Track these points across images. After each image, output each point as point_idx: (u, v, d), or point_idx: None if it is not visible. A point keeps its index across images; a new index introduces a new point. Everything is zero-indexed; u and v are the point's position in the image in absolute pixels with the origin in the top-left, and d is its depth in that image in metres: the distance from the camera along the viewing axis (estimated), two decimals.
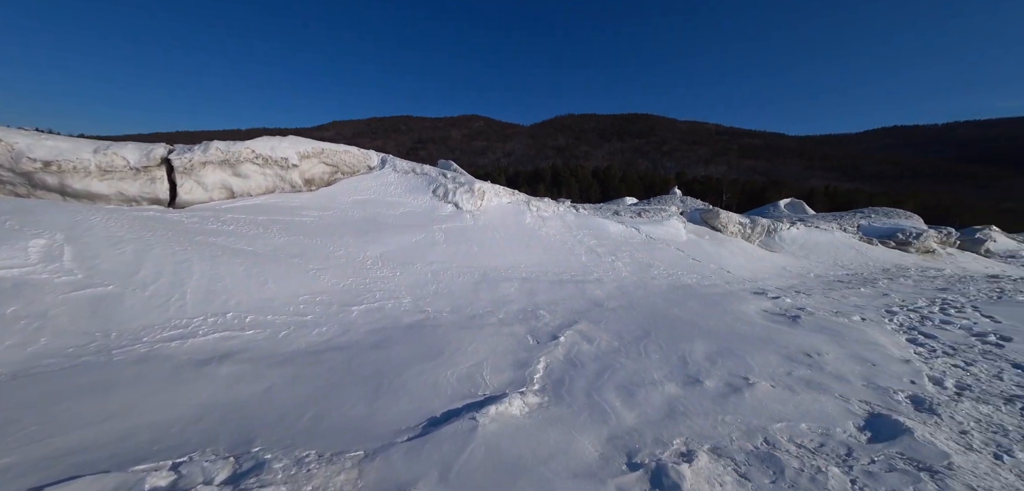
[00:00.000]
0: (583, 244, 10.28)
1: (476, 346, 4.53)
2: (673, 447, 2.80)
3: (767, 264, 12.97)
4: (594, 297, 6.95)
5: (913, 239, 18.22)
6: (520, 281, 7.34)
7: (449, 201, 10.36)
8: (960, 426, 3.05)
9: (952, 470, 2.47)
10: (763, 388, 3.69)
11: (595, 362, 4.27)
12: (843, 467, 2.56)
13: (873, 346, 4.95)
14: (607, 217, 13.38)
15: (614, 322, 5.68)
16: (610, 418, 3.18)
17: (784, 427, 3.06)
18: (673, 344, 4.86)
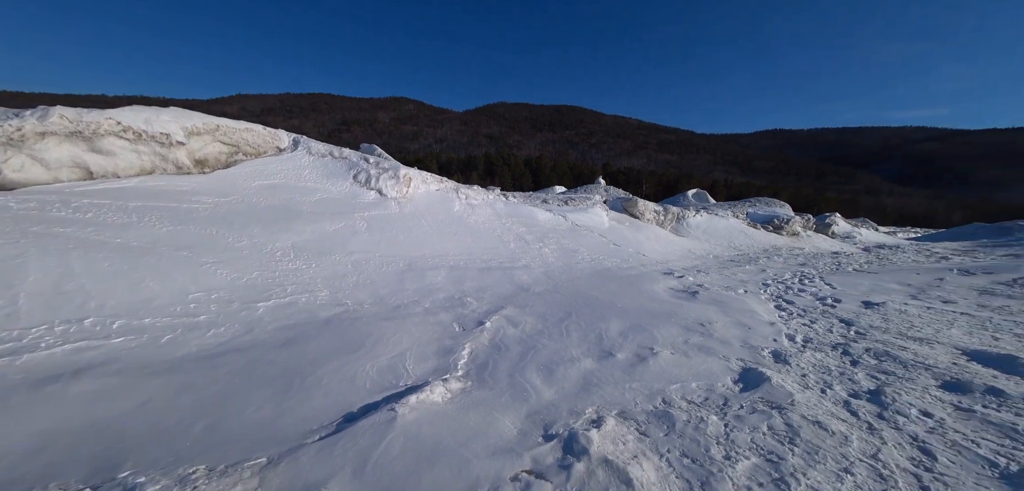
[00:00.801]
0: (512, 231, 10.49)
1: (400, 336, 4.41)
2: (585, 416, 3.02)
3: (676, 247, 14.51)
4: (521, 283, 7.16)
5: (784, 224, 21.76)
6: (448, 269, 7.26)
7: (372, 187, 9.81)
8: (802, 371, 3.76)
9: (793, 405, 3.04)
10: (665, 356, 4.15)
11: (519, 345, 4.42)
12: (719, 414, 3.00)
13: (750, 313, 5.83)
14: (536, 205, 13.80)
15: (539, 306, 5.92)
16: (530, 396, 3.32)
17: (678, 387, 3.48)
18: (592, 323, 5.22)
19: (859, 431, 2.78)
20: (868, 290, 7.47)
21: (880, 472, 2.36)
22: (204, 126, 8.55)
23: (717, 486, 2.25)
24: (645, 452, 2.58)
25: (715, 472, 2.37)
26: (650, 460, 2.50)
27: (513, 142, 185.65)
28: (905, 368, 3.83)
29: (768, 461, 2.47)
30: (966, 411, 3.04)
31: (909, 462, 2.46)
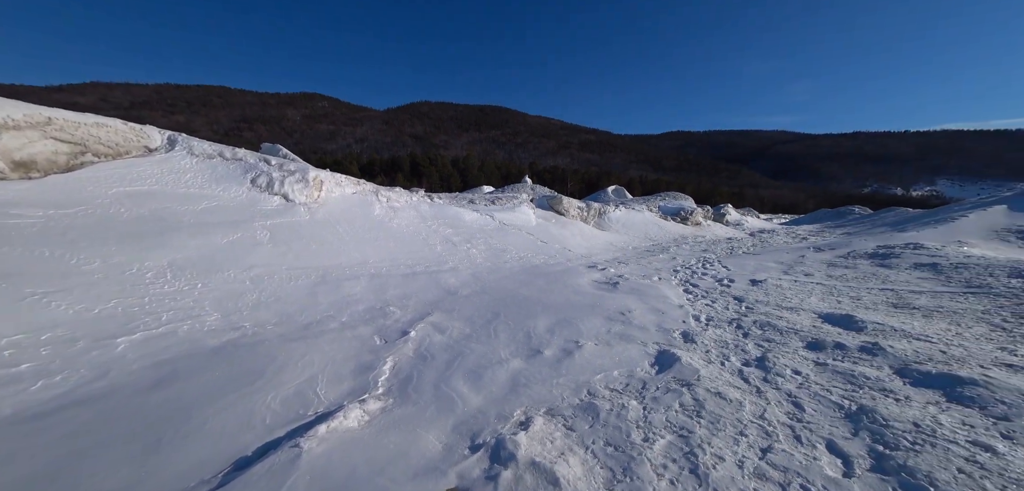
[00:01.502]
0: (438, 234, 10.18)
1: (311, 357, 3.93)
2: (513, 419, 2.97)
3: (599, 241, 15.41)
4: (448, 286, 6.94)
5: (689, 215, 24.50)
6: (368, 278, 6.75)
7: (276, 192, 8.73)
8: (706, 347, 4.18)
9: (699, 380, 3.34)
10: (589, 348, 4.30)
11: (446, 352, 4.23)
12: (639, 398, 3.17)
13: (663, 299, 6.36)
14: (463, 206, 13.60)
15: (467, 309, 5.77)
16: (457, 406, 3.17)
17: (602, 377, 3.61)
18: (520, 322, 5.22)
19: (750, 396, 3.14)
20: (754, 269, 8.65)
21: (766, 430, 2.67)
22: (26, 119, 6.70)
23: (637, 469, 2.34)
24: (572, 447, 2.60)
25: (635, 456, 2.46)
26: (576, 454, 2.52)
27: (439, 142, 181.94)
28: (781, 334, 4.46)
29: (680, 437, 2.64)
30: (822, 365, 3.61)
31: (786, 416, 2.83)
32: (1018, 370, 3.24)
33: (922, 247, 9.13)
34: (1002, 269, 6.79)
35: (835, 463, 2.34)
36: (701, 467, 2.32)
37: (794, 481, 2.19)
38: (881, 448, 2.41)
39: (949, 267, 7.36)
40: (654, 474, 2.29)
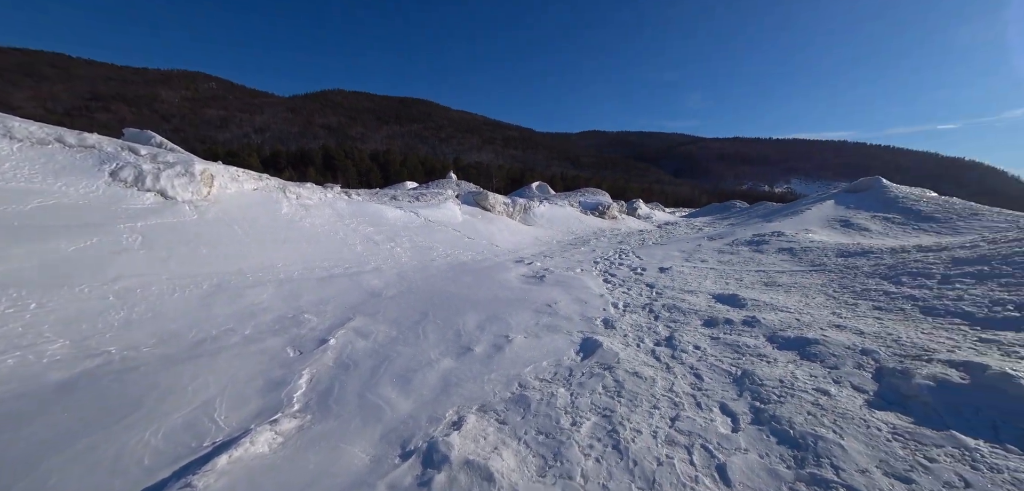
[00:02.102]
0: (359, 233, 9.52)
1: (205, 380, 3.38)
2: (446, 419, 2.91)
3: (525, 236, 15.85)
4: (372, 288, 6.54)
5: (606, 210, 26.49)
6: (277, 284, 6.03)
7: (149, 188, 7.28)
8: (624, 332, 4.58)
9: (619, 363, 3.64)
10: (519, 341, 4.40)
11: (371, 358, 3.99)
12: (566, 385, 3.35)
13: (586, 289, 6.79)
14: (385, 203, 12.91)
15: (393, 310, 5.50)
16: (385, 413, 3.01)
17: (532, 369, 3.73)
18: (450, 320, 5.14)
19: (661, 372, 3.52)
20: (661, 258, 9.69)
21: (675, 401, 3.02)
22: None
23: (566, 453, 2.47)
24: (505, 440, 2.65)
25: (564, 440, 2.60)
26: (509, 447, 2.57)
27: (356, 135, 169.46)
28: (684, 315, 5.07)
29: (604, 416, 2.85)
30: (716, 339, 4.20)
31: (689, 387, 3.23)
32: (843, 329, 4.13)
33: (783, 235, 11.10)
34: (832, 250, 8.57)
35: (726, 421, 2.74)
36: (622, 442, 2.53)
37: (696, 442, 2.51)
38: (758, 404, 2.88)
39: (800, 250, 9.07)
40: (581, 455, 2.44)
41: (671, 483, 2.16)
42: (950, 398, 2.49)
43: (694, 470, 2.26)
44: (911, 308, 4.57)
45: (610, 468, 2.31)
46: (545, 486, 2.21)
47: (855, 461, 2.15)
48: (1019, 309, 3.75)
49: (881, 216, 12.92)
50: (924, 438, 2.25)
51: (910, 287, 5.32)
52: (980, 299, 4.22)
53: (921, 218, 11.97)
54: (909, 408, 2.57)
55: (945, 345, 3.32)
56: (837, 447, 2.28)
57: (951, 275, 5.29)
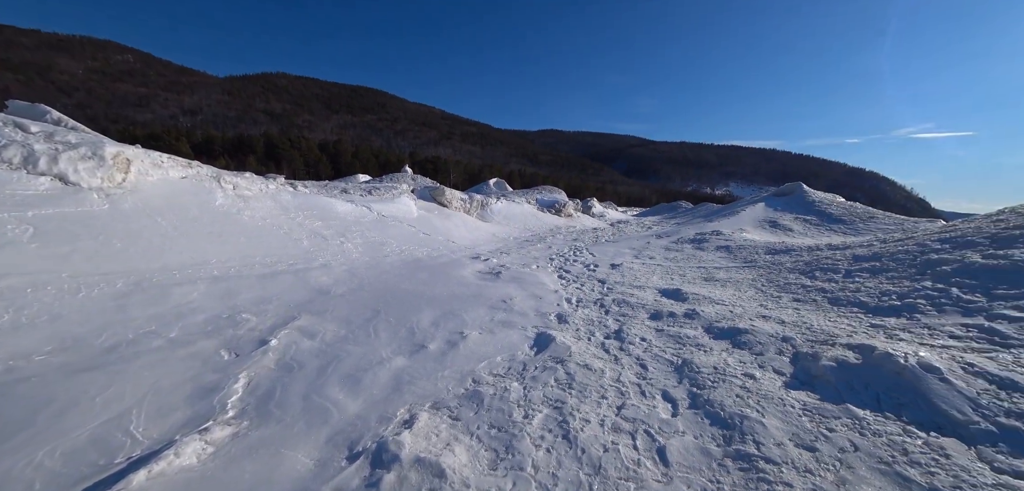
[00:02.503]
0: (306, 227, 8.97)
1: (118, 389, 3.03)
2: (397, 419, 2.85)
3: (483, 232, 15.82)
4: (320, 285, 6.20)
5: (562, 207, 27.15)
6: (209, 282, 5.52)
7: (44, 172, 6.31)
8: (576, 326, 4.74)
9: (571, 356, 3.77)
10: (474, 337, 4.40)
11: (318, 358, 3.80)
12: (520, 379, 3.41)
13: (541, 285, 6.93)
14: (335, 196, 12.28)
15: (343, 309, 5.27)
16: (332, 415, 2.89)
17: (486, 364, 3.75)
18: (403, 318, 5.02)
19: (610, 364, 3.69)
20: (613, 255, 10.12)
21: (621, 390, 3.19)
22: None
23: (518, 445, 2.52)
24: (458, 436, 2.65)
25: (516, 433, 2.65)
26: (462, 443, 2.57)
27: (303, 123, 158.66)
28: (632, 309, 5.35)
29: (555, 408, 2.95)
30: (660, 332, 4.48)
31: (635, 377, 3.43)
32: (768, 319, 4.58)
33: (721, 234, 12.05)
34: (762, 248, 9.46)
35: (667, 407, 2.94)
36: (572, 432, 2.63)
37: (640, 428, 2.67)
38: (695, 389, 3.12)
39: (735, 248, 9.90)
40: (533, 446, 2.50)
41: (615, 467, 2.28)
42: (847, 376, 2.87)
43: (637, 454, 2.41)
44: (821, 299, 5.18)
45: (559, 457, 2.39)
46: (496, 478, 2.24)
47: (773, 436, 2.41)
48: (900, 298, 4.39)
49: (802, 218, 14.44)
50: (826, 412, 2.57)
51: (822, 281, 6.01)
52: (873, 290, 4.89)
53: (832, 220, 13.54)
54: (816, 387, 2.93)
55: (845, 331, 3.81)
56: (759, 425, 2.54)
57: (852, 270, 6.06)
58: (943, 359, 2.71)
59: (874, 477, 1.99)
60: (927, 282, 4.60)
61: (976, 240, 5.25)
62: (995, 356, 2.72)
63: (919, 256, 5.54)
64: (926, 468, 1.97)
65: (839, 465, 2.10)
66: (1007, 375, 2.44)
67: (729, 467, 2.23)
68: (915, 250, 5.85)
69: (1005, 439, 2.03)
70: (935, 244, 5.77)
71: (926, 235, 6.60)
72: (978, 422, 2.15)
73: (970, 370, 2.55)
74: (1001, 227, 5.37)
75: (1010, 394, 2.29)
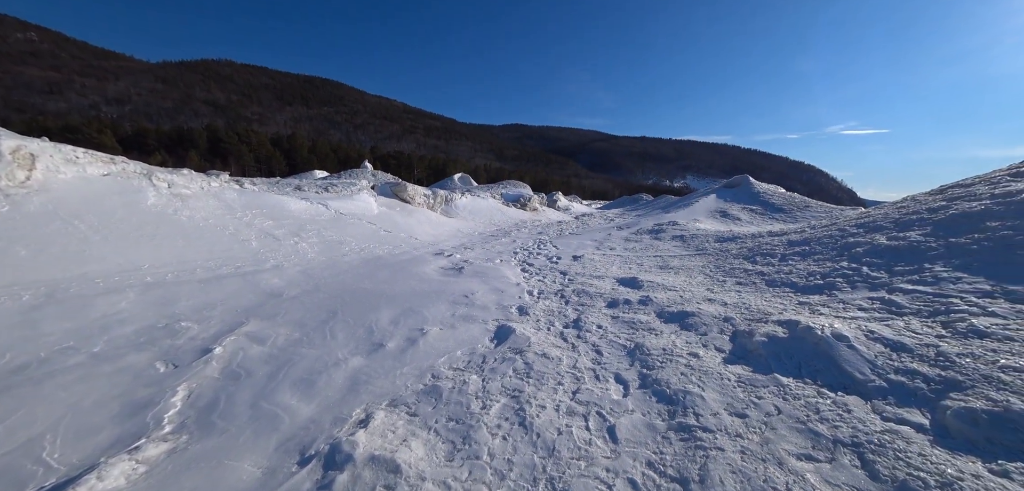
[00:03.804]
0: (255, 227, 8.46)
1: (27, 414, 2.74)
2: (352, 419, 2.80)
3: (447, 228, 15.64)
4: (271, 288, 5.89)
5: (528, 202, 27.38)
6: (141, 289, 5.09)
7: None
8: (537, 317, 4.85)
9: (530, 346, 3.86)
10: (434, 333, 4.38)
11: (268, 364, 3.63)
12: (479, 372, 3.44)
13: (504, 279, 6.99)
14: (287, 193, 11.65)
15: (296, 311, 5.05)
16: (283, 422, 2.78)
17: (446, 359, 3.75)
18: (361, 317, 4.89)
19: (567, 351, 3.81)
20: (576, 247, 10.37)
21: (577, 376, 3.31)
22: None
23: (475, 435, 2.56)
24: (415, 431, 2.64)
25: (474, 424, 2.69)
26: (419, 437, 2.57)
27: (252, 115, 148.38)
28: (591, 298, 5.54)
29: (512, 397, 3.01)
30: (616, 318, 4.68)
31: (591, 362, 3.57)
32: (713, 302, 4.92)
33: (677, 224, 12.69)
34: (712, 237, 10.08)
35: (619, 389, 3.09)
36: (528, 418, 2.71)
37: (592, 410, 2.80)
38: (645, 371, 3.30)
39: (689, 237, 10.48)
40: (489, 435, 2.55)
41: (568, 448, 2.38)
42: (775, 349, 3.16)
43: (589, 434, 2.53)
44: (760, 281, 5.62)
45: (515, 443, 2.46)
46: (453, 469, 2.27)
47: (710, 407, 2.62)
48: (823, 278, 4.87)
49: (748, 208, 15.51)
50: (757, 382, 2.83)
51: (761, 265, 6.52)
52: (802, 272, 5.38)
53: (774, 209, 14.66)
54: (750, 360, 3.20)
55: (777, 309, 4.17)
56: (699, 398, 2.74)
57: (787, 255, 6.62)
58: (851, 329, 3.06)
59: (792, 435, 2.22)
60: (844, 263, 5.12)
61: (883, 224, 5.92)
62: (891, 323, 3.10)
63: (839, 240, 6.15)
64: (833, 423, 2.22)
65: (764, 427, 2.33)
66: (899, 339, 2.80)
67: (671, 439, 2.39)
68: (837, 235, 6.49)
69: (893, 392, 2.34)
70: (852, 229, 6.42)
71: (847, 221, 7.32)
72: (874, 380, 2.46)
73: (871, 336, 2.89)
74: (903, 212, 6.08)
75: (899, 355, 2.63)
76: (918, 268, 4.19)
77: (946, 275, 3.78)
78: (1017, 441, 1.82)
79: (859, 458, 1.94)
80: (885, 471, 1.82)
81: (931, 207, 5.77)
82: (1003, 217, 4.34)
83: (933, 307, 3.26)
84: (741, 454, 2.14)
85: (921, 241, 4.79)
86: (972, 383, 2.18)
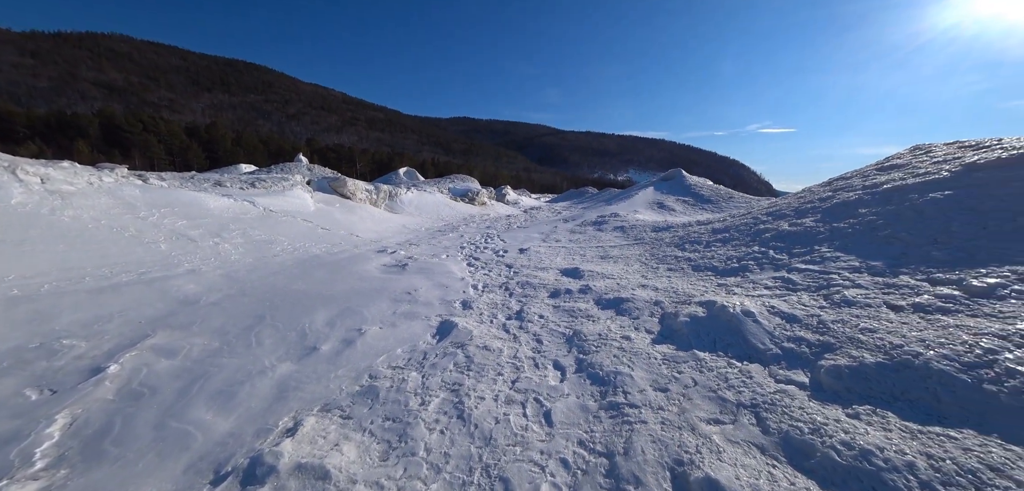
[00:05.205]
0: (163, 228, 7.50)
1: None
2: (278, 428, 2.61)
3: (391, 225, 15.05)
4: (185, 295, 5.27)
5: (476, 196, 27.22)
6: (4, 304, 4.29)
7: None
8: (480, 311, 4.85)
9: (472, 339, 3.86)
10: (373, 332, 4.21)
11: (178, 379, 3.25)
12: (419, 369, 3.38)
13: (449, 274, 6.89)
14: (204, 189, 10.48)
15: (216, 319, 4.57)
16: (194, 440, 2.51)
17: (385, 358, 3.63)
18: (293, 321, 4.56)
19: (509, 342, 3.87)
20: (523, 240, 10.51)
21: (517, 365, 3.37)
22: None
23: (412, 432, 2.51)
24: (348, 434, 2.53)
25: (411, 421, 2.63)
26: (352, 440, 2.46)
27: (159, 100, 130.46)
28: (535, 290, 5.66)
29: (452, 391, 2.99)
30: (557, 308, 4.84)
31: (531, 351, 3.65)
32: (646, 287, 5.27)
33: (618, 216, 13.36)
34: (649, 227, 10.77)
35: (557, 375, 3.20)
36: (466, 410, 2.71)
37: (530, 397, 2.87)
38: (582, 355, 3.45)
39: (629, 227, 11.09)
40: (427, 430, 2.52)
41: (505, 436, 2.42)
42: (696, 327, 3.47)
43: (526, 420, 2.59)
44: (687, 267, 6.13)
45: (453, 436, 2.45)
46: (387, 468, 2.21)
47: (638, 385, 2.81)
48: (738, 261, 5.44)
49: (682, 199, 16.76)
50: (678, 358, 3.09)
51: (689, 252, 7.10)
52: (722, 257, 5.96)
53: (703, 201, 16.01)
54: (674, 339, 3.48)
55: (700, 291, 4.58)
56: (628, 377, 2.92)
57: (711, 241, 7.28)
58: (757, 306, 3.45)
59: (705, 403, 2.46)
60: (756, 247, 5.76)
61: (786, 212, 6.73)
62: (787, 298, 3.56)
63: (753, 227, 6.89)
64: (737, 389, 2.50)
65: (683, 399, 2.55)
66: (792, 311, 3.23)
67: (602, 417, 2.53)
68: (751, 222, 7.25)
69: (785, 358, 2.69)
70: (763, 217, 7.22)
71: (760, 211, 8.21)
72: (772, 349, 2.81)
73: (772, 311, 3.29)
74: (801, 202, 6.96)
75: (792, 325, 3.03)
76: (810, 250, 4.83)
77: (829, 255, 4.40)
78: (866, 388, 2.19)
79: (755, 417, 2.20)
80: (774, 425, 2.09)
81: (822, 197, 6.67)
82: (870, 205, 5.14)
83: (818, 282, 3.79)
84: (661, 425, 2.33)
85: (813, 227, 5.53)
86: (840, 344, 2.58)
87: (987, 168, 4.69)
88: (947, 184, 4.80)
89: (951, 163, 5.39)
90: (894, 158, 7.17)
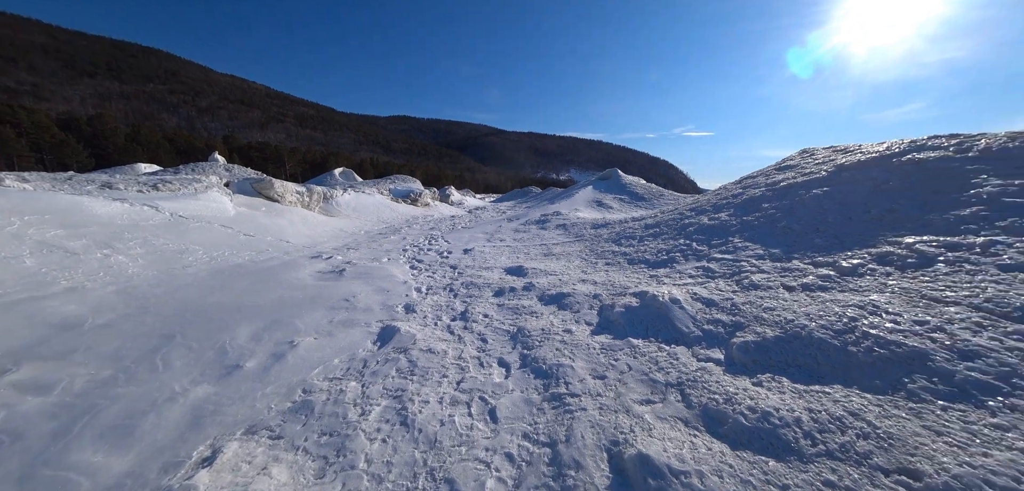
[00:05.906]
0: (27, 238, 6.28)
1: None
2: (192, 459, 2.33)
3: (327, 228, 14.08)
4: (62, 318, 4.46)
5: (418, 197, 26.46)
6: None
7: None
8: (424, 314, 4.74)
9: (415, 344, 3.76)
10: (307, 343, 3.91)
11: (54, 418, 2.74)
12: (358, 378, 3.21)
13: (390, 278, 6.63)
14: (88, 193, 8.96)
15: (107, 342, 3.93)
16: (78, 487, 2.15)
17: (321, 370, 3.39)
18: (210, 338, 4.08)
19: (453, 343, 3.82)
20: (467, 241, 10.43)
21: (462, 366, 3.35)
22: None
23: (351, 444, 2.38)
24: (278, 456, 2.33)
25: (350, 433, 2.49)
26: (283, 461, 2.28)
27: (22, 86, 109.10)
28: (479, 289, 5.65)
29: (394, 398, 2.89)
30: (502, 306, 4.88)
31: (476, 351, 3.65)
32: (586, 282, 5.53)
33: (560, 214, 13.81)
34: (589, 224, 11.29)
35: (501, 372, 3.23)
36: (410, 415, 2.64)
37: (475, 396, 2.87)
38: (526, 351, 3.53)
39: (570, 225, 11.51)
40: (367, 441, 2.40)
41: (450, 437, 2.40)
42: (630, 316, 3.73)
43: (471, 420, 2.58)
44: (623, 261, 6.53)
45: (396, 444, 2.37)
46: (323, 486, 2.07)
47: (578, 374, 2.94)
48: (668, 254, 5.94)
49: (618, 197, 17.79)
50: (615, 347, 3.29)
51: (625, 247, 7.57)
52: (653, 250, 6.45)
53: (638, 198, 17.15)
54: (612, 329, 3.70)
55: (634, 282, 4.91)
56: (569, 369, 3.05)
57: (644, 236, 7.84)
58: (682, 293, 3.80)
59: (638, 385, 2.65)
60: (682, 240, 6.31)
61: (706, 208, 7.48)
62: (707, 285, 3.97)
63: (679, 222, 7.54)
64: (666, 371, 2.74)
65: (619, 384, 2.72)
66: (711, 297, 3.60)
67: (545, 409, 2.61)
68: (678, 217, 7.93)
69: (705, 338, 3.00)
70: (688, 212, 7.94)
71: (685, 207, 9.01)
72: (694, 331, 3.12)
73: (695, 297, 3.65)
74: (718, 198, 7.78)
75: (710, 309, 3.39)
76: (725, 241, 5.42)
77: (740, 245, 4.97)
78: (767, 359, 2.53)
79: (681, 394, 2.43)
80: (695, 399, 2.33)
81: (734, 193, 7.50)
82: (771, 200, 5.91)
83: (731, 269, 4.27)
84: (599, 410, 2.46)
85: (727, 220, 6.20)
86: (748, 323, 2.94)
87: (851, 168, 5.63)
88: (825, 182, 5.69)
89: (827, 164, 6.39)
90: (788, 160, 8.30)
